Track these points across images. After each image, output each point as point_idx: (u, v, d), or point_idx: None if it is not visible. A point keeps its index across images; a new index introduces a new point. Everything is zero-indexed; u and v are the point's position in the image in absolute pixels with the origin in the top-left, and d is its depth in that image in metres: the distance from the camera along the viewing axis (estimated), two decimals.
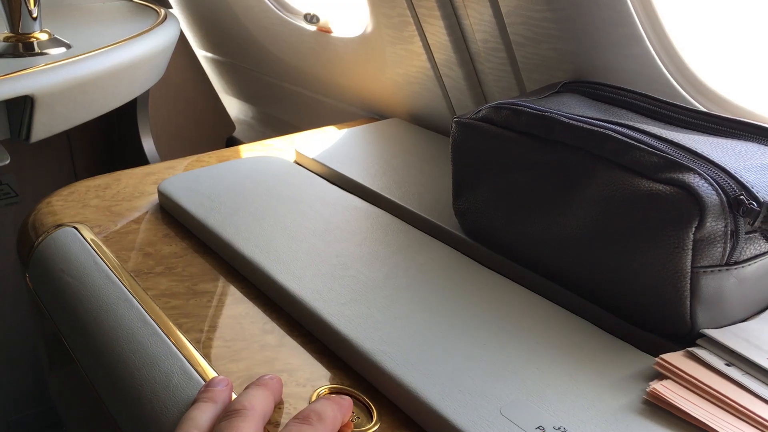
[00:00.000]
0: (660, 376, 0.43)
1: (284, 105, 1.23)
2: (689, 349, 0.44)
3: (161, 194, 0.72)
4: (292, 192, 0.71)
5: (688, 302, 0.45)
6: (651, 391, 0.41)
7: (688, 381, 0.42)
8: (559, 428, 0.40)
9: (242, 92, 1.35)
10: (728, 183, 0.44)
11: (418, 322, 0.50)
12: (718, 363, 0.43)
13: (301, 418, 0.40)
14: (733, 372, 0.42)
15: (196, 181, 0.73)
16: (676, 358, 0.43)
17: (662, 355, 0.43)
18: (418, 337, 0.48)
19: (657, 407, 0.41)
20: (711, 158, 0.46)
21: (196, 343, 0.51)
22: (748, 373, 0.42)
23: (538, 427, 0.40)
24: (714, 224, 0.43)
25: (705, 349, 0.44)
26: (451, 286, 0.55)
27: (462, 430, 0.40)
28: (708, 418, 0.39)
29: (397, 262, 0.58)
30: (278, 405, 0.45)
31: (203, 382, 0.46)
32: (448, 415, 0.41)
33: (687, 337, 0.46)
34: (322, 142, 0.84)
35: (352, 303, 0.52)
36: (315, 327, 0.52)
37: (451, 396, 0.43)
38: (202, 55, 1.37)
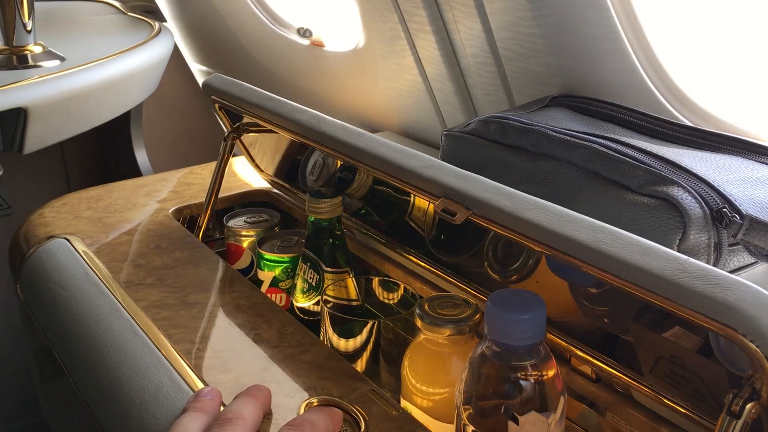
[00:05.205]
0: None
1: None
2: None
3: (210, 85, 0.69)
4: None
5: None
6: None
7: None
8: None
9: None
10: (711, 196, 0.45)
11: None
12: None
13: (294, 425, 0.41)
14: None
15: None
16: None
17: None
18: None
19: None
20: (695, 171, 0.46)
21: (186, 354, 0.52)
22: None
23: None
24: (698, 236, 0.44)
25: None
26: None
27: None
28: None
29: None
30: (267, 415, 0.45)
31: (192, 392, 0.46)
32: None
33: None
34: None
35: None
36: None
37: None
38: (197, 68, 1.38)
